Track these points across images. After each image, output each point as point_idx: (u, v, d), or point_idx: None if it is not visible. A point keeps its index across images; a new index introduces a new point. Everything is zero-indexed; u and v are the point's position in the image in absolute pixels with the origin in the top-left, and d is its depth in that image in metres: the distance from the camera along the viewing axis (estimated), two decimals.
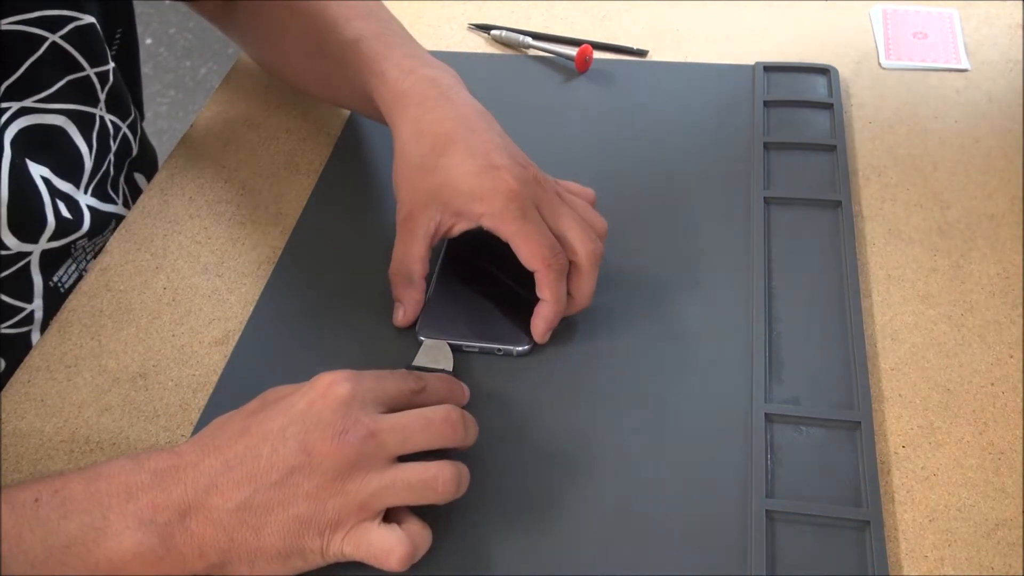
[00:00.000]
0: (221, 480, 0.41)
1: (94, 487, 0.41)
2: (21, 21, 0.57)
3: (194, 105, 2.10)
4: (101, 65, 0.63)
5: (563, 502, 0.47)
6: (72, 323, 0.57)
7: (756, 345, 0.54)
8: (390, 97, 0.57)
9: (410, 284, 0.55)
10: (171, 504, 0.41)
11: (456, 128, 0.54)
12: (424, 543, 0.44)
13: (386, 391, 0.46)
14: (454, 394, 0.50)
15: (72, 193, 0.63)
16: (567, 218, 0.53)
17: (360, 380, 0.44)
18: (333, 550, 0.42)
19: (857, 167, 0.66)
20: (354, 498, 0.42)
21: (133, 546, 0.40)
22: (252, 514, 0.41)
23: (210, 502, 0.41)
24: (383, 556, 0.42)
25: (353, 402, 0.43)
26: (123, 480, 0.41)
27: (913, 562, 0.45)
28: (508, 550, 0.45)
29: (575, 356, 0.54)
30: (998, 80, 0.73)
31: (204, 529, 0.41)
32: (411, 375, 0.48)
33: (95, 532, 0.40)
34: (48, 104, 0.60)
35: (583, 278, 0.53)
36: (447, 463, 0.44)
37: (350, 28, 0.61)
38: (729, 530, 0.46)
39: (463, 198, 0.52)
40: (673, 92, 0.73)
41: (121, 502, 0.41)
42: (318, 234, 0.63)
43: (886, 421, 0.51)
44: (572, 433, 0.50)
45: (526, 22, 0.80)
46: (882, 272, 0.59)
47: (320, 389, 0.44)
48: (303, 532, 0.42)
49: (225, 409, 0.45)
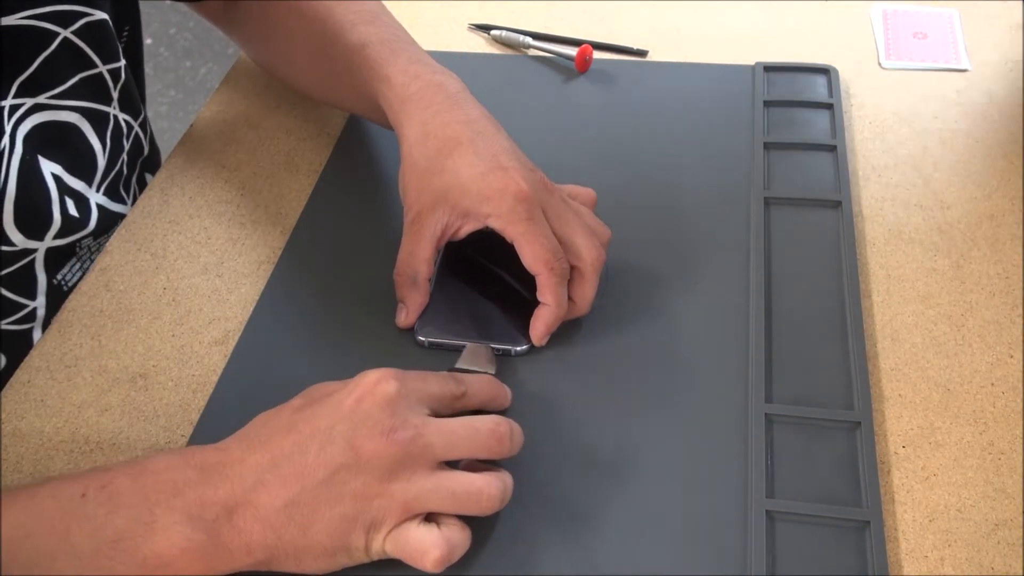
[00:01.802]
0: (268, 477, 0.41)
1: (140, 482, 0.41)
2: (33, 16, 0.57)
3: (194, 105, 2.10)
4: (113, 62, 0.63)
5: (561, 502, 0.47)
6: (72, 323, 0.57)
7: (756, 345, 0.54)
8: (396, 102, 0.56)
9: (414, 286, 0.55)
10: (218, 500, 0.41)
11: (463, 131, 0.53)
12: (462, 546, 0.43)
13: (430, 392, 0.46)
14: (496, 398, 0.50)
15: (84, 191, 0.63)
16: (572, 224, 0.53)
17: (406, 379, 0.45)
18: (375, 548, 0.43)
19: (857, 167, 0.66)
20: (399, 498, 0.42)
21: (181, 541, 0.40)
22: (299, 512, 0.41)
23: (257, 499, 0.41)
24: (419, 556, 0.42)
25: (401, 401, 0.43)
26: (169, 476, 0.41)
27: (913, 562, 0.45)
28: (506, 550, 0.45)
29: (574, 356, 0.54)
30: (998, 80, 0.73)
31: (251, 526, 0.41)
32: (453, 378, 0.48)
33: (143, 527, 0.40)
34: (62, 101, 0.60)
35: (585, 284, 0.54)
36: (494, 478, 0.44)
37: (355, 33, 0.60)
38: (729, 530, 0.46)
39: (471, 199, 0.52)
40: (673, 92, 0.73)
41: (168, 497, 0.41)
42: (318, 234, 0.63)
43: (886, 421, 0.51)
44: (571, 433, 0.50)
45: (526, 22, 0.80)
46: (882, 272, 0.59)
47: (367, 386, 0.43)
48: (349, 530, 0.42)
49: (225, 409, 0.46)
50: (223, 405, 0.52)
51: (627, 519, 0.46)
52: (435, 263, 0.55)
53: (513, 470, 0.48)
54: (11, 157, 0.57)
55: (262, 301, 0.58)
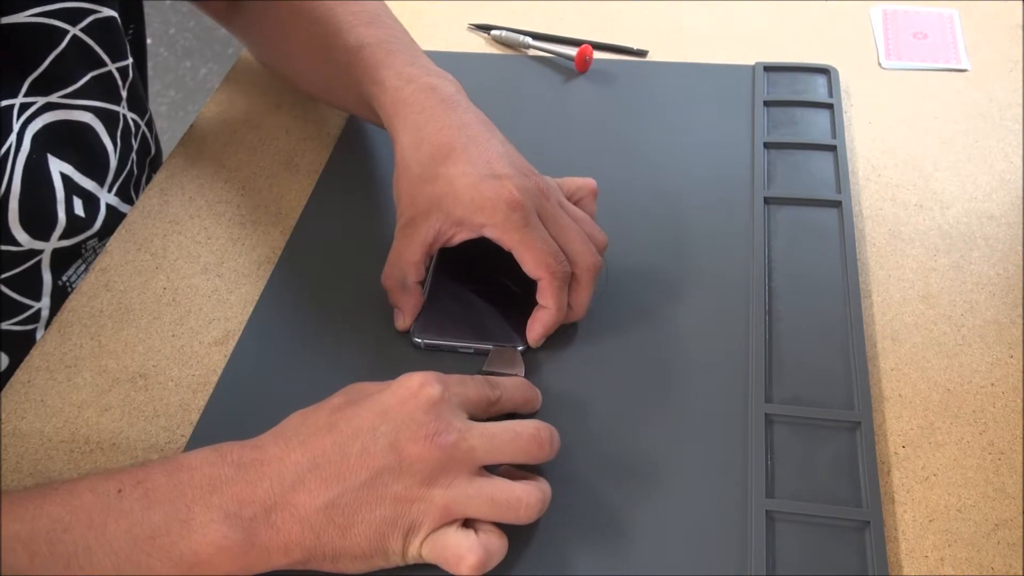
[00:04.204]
0: (308, 477, 0.41)
1: (177, 478, 0.41)
2: (42, 13, 0.57)
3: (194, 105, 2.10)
4: (122, 60, 0.64)
5: (560, 502, 0.47)
6: (72, 323, 0.57)
7: (756, 345, 0.53)
8: (390, 106, 0.56)
9: (404, 289, 0.55)
10: (256, 499, 0.40)
11: (457, 137, 0.53)
12: (499, 553, 0.43)
13: (469, 397, 0.45)
14: (529, 402, 0.50)
15: (95, 191, 0.63)
16: (569, 229, 0.53)
17: (447, 383, 0.44)
18: (412, 552, 0.42)
19: (857, 167, 0.66)
20: (439, 502, 0.42)
21: (218, 539, 0.39)
22: (339, 513, 0.41)
23: (296, 499, 0.41)
24: (455, 561, 0.42)
25: (444, 404, 0.43)
26: (206, 472, 0.41)
27: (913, 562, 0.45)
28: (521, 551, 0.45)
29: (573, 356, 0.54)
30: (998, 80, 0.73)
31: (290, 526, 0.40)
32: (489, 382, 0.47)
33: (179, 524, 0.40)
34: (74, 100, 0.60)
35: (581, 290, 0.53)
36: (534, 487, 0.44)
37: (353, 34, 0.60)
38: (729, 530, 0.46)
39: (465, 208, 0.52)
40: (673, 92, 0.73)
41: (205, 495, 0.40)
42: (318, 234, 0.63)
43: (886, 421, 0.51)
44: (570, 433, 0.50)
45: (526, 22, 0.80)
46: (882, 272, 0.59)
47: (412, 389, 0.43)
48: (388, 534, 0.42)
49: (225, 409, 0.45)
50: (223, 405, 0.52)
51: (627, 519, 0.46)
52: (428, 268, 0.55)
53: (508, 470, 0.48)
54: (17, 155, 0.57)
55: (262, 301, 0.58)
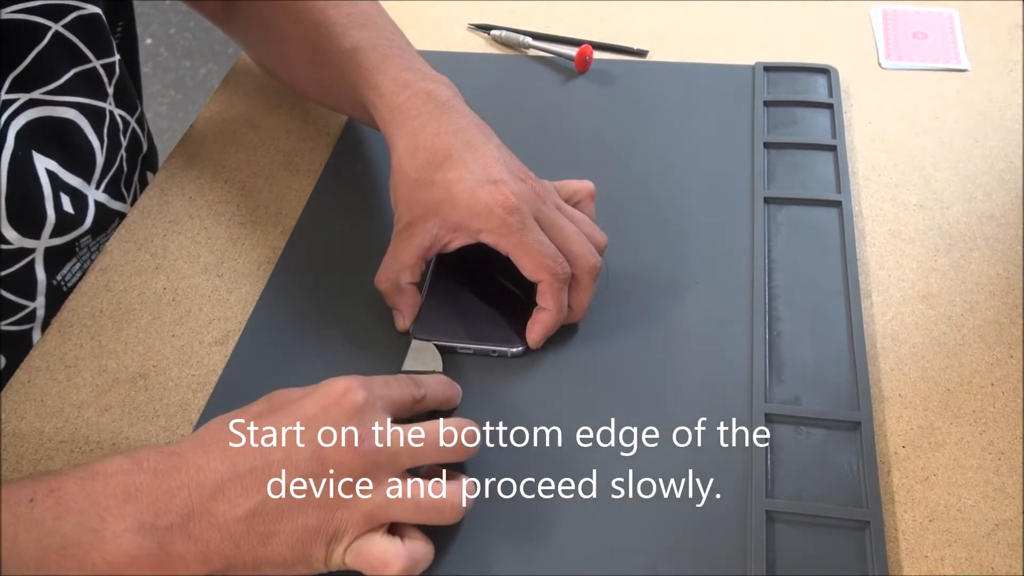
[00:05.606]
0: (229, 485, 0.40)
1: (90, 487, 0.40)
2: (23, 10, 0.57)
3: (194, 105, 2.10)
4: (107, 57, 0.63)
5: (561, 502, 0.47)
6: (72, 323, 0.57)
7: (756, 345, 0.54)
8: (386, 111, 0.56)
9: (400, 291, 0.55)
10: (173, 508, 0.39)
11: (453, 142, 0.53)
12: (424, 560, 0.43)
13: (393, 399, 0.45)
14: (451, 399, 0.50)
15: (81, 188, 0.63)
16: (567, 231, 0.53)
17: (371, 387, 0.44)
18: (336, 559, 0.42)
19: (857, 167, 0.66)
20: (362, 508, 0.41)
21: (132, 549, 0.39)
22: (260, 522, 0.40)
23: (216, 508, 0.40)
24: (380, 568, 0.41)
25: (367, 409, 0.43)
26: (121, 480, 0.40)
27: (913, 562, 0.45)
28: (504, 552, 0.45)
29: (573, 356, 0.54)
30: (998, 80, 0.73)
31: (209, 535, 0.39)
32: (413, 381, 0.47)
33: (92, 534, 0.39)
34: (57, 97, 0.60)
35: (581, 291, 0.53)
36: (459, 487, 0.43)
37: (347, 37, 0.60)
38: (729, 530, 0.46)
39: (461, 213, 0.52)
40: (673, 92, 0.73)
41: (119, 503, 0.39)
42: (318, 234, 0.63)
43: (886, 421, 0.51)
44: (570, 433, 0.50)
45: (526, 22, 0.80)
46: (882, 272, 0.59)
47: (334, 396, 0.43)
48: (311, 541, 0.41)
49: (226, 409, 0.45)
50: (223, 405, 0.52)
51: (627, 519, 0.46)
52: (425, 270, 0.55)
53: (509, 470, 0.48)
54: (1, 152, 0.56)
55: (262, 301, 0.58)
